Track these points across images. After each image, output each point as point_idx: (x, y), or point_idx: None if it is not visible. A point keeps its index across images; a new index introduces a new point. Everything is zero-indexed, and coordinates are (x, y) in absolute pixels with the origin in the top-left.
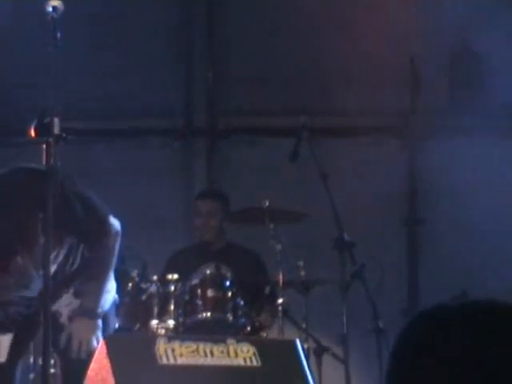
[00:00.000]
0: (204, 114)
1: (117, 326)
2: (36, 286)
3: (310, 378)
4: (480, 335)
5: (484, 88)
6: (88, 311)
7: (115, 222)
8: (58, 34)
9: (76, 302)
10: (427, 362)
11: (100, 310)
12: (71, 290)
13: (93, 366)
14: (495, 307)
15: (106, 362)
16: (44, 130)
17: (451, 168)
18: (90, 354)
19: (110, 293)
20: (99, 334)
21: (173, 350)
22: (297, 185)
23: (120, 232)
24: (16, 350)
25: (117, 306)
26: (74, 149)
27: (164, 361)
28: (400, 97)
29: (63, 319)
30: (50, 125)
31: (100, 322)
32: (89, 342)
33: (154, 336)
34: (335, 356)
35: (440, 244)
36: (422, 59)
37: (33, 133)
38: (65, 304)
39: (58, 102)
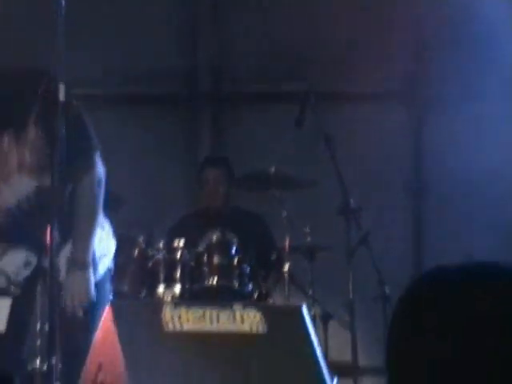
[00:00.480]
0: (209, 80)
1: (111, 296)
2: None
3: (316, 344)
4: (484, 293)
5: (493, 52)
6: (78, 262)
7: (101, 166)
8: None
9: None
10: (428, 317)
11: (89, 259)
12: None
13: (99, 331)
14: (499, 268)
15: (112, 328)
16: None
17: (457, 132)
18: (86, 311)
19: (107, 257)
20: (92, 286)
21: (179, 317)
22: (302, 151)
23: (103, 180)
24: (18, 317)
25: (123, 272)
26: None
27: (170, 327)
28: (406, 62)
29: (62, 276)
30: (56, 91)
31: (91, 272)
32: (81, 296)
33: (160, 302)
34: (341, 322)
35: (445, 207)
36: (428, 23)
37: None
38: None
39: (62, 68)
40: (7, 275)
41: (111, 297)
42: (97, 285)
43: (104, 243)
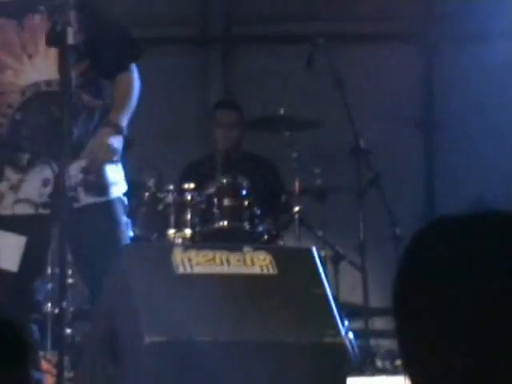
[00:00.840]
0: (219, 22)
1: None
2: None
3: (327, 285)
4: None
5: None
6: (112, 124)
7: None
8: None
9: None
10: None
11: (125, 126)
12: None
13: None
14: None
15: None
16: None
17: (467, 73)
18: (111, 158)
19: (118, 185)
20: (120, 147)
21: (189, 259)
22: (312, 92)
23: (139, 87)
24: (30, 258)
25: (134, 215)
26: None
27: (181, 270)
28: (415, 2)
29: (80, 200)
30: (63, 34)
31: (122, 140)
32: (110, 147)
33: (170, 245)
34: (352, 263)
35: (456, 149)
36: None
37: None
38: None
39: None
40: (33, 202)
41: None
42: (111, 212)
43: (117, 175)
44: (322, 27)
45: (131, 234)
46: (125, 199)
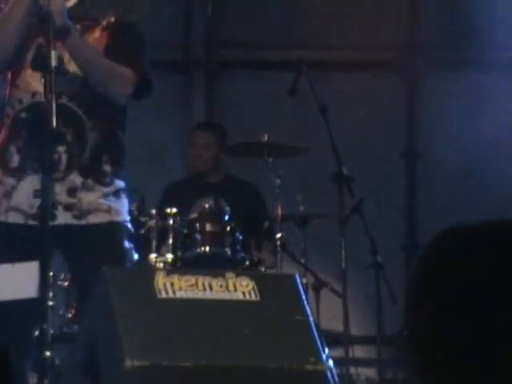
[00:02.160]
0: (203, 46)
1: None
2: None
3: (308, 312)
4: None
5: (484, 23)
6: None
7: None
8: None
9: None
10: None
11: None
12: None
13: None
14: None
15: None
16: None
17: (449, 102)
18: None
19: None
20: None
21: (172, 284)
22: (296, 119)
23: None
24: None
25: None
26: None
27: (163, 294)
28: (399, 31)
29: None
30: (47, 57)
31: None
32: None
33: (152, 269)
34: (334, 291)
35: (438, 178)
36: None
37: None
38: None
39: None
40: (23, 211)
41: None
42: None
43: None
44: (307, 54)
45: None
46: (128, 225)
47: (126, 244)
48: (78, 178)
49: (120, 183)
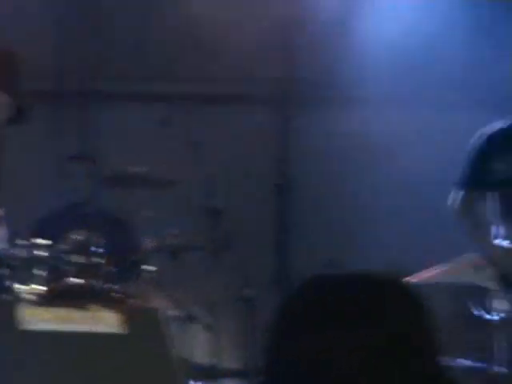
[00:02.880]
0: (76, 77)
1: None
2: None
3: (174, 345)
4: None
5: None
6: None
7: None
8: None
9: None
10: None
11: None
12: None
13: None
14: (369, 278)
15: None
16: None
17: (323, 138)
18: None
19: None
20: None
21: (37, 316)
22: (169, 152)
23: None
24: None
25: None
26: None
27: (28, 326)
28: (275, 65)
29: None
30: None
31: None
32: None
33: (17, 301)
34: (204, 324)
35: (311, 212)
36: (296, 27)
37: None
38: None
39: None
40: None
41: None
42: None
43: None
44: (180, 87)
45: None
46: None
47: None
48: None
49: None
